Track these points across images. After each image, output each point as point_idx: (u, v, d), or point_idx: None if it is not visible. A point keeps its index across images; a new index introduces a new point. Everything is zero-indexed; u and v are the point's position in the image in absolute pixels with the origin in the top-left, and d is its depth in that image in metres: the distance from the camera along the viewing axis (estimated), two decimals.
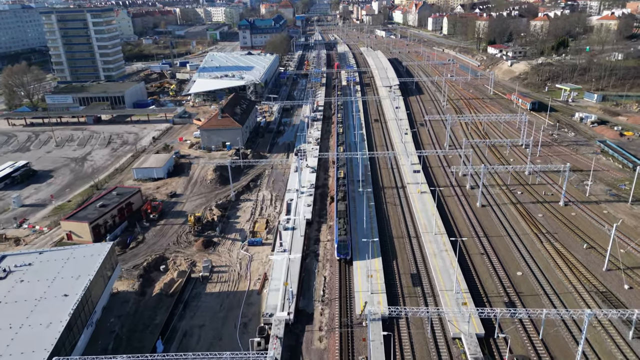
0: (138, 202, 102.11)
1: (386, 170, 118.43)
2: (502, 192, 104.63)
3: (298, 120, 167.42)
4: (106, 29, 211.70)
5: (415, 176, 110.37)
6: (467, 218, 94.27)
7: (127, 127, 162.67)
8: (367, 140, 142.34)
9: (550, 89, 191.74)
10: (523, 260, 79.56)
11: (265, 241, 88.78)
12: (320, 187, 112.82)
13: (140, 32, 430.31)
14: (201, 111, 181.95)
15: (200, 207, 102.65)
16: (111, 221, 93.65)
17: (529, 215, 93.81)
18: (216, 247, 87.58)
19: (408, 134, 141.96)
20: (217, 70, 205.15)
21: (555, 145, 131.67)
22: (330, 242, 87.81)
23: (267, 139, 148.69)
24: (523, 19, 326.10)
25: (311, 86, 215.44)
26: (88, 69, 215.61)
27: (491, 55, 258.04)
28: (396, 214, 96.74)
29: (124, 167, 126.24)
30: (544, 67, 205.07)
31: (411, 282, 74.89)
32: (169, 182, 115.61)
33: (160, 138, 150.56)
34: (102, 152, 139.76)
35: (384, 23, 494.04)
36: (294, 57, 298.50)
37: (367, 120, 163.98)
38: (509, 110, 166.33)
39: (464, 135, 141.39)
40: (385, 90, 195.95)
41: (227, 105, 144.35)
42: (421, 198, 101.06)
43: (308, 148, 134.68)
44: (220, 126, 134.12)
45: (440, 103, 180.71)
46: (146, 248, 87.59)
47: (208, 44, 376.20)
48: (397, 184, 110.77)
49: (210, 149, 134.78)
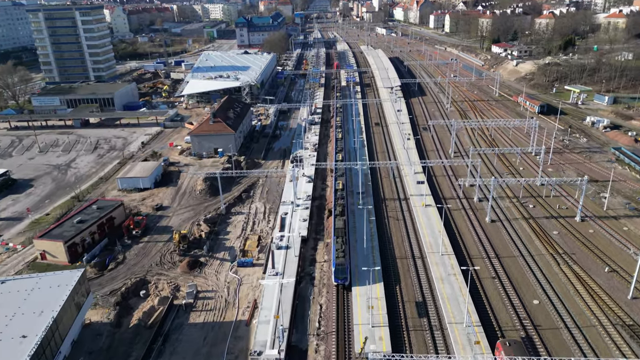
0: (120, 216, 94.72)
1: (388, 180, 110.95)
2: (512, 205, 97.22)
3: (295, 123, 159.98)
4: (96, 28, 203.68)
5: (419, 187, 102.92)
6: (476, 235, 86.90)
7: (115, 131, 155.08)
8: (368, 145, 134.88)
9: (558, 90, 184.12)
10: (539, 285, 72.22)
11: (256, 261, 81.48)
12: (317, 199, 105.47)
13: (136, 30, 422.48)
14: (194, 113, 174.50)
15: (188, 222, 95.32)
16: (89, 239, 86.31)
17: (543, 233, 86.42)
18: (203, 269, 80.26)
19: (411, 140, 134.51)
20: (212, 70, 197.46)
21: (567, 152, 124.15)
22: (327, 262, 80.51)
23: (262, 144, 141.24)
24: (527, 16, 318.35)
25: (309, 87, 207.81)
26: (77, 69, 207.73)
27: (495, 54, 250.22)
28: (399, 230, 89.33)
29: (109, 176, 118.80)
30: (551, 67, 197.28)
31: (416, 312, 67.58)
32: (156, 192, 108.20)
33: (150, 143, 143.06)
34: (87, 159, 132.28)
35: (385, 20, 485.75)
36: (292, 56, 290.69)
37: (368, 123, 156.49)
38: (515, 114, 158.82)
39: (470, 142, 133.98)
40: (386, 92, 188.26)
41: (220, 108, 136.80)
42: (425, 212, 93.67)
43: (305, 155, 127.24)
44: (212, 132, 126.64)
45: (444, 105, 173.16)
46: (126, 270, 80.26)
47: (205, 42, 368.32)
48: (399, 196, 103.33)
49: (201, 155, 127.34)
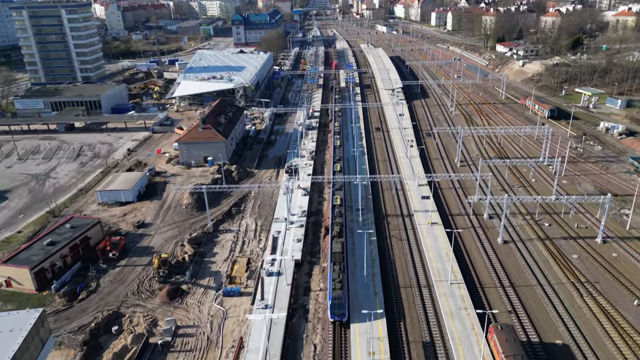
0: (97, 235, 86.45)
1: (389, 194, 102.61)
2: (526, 223, 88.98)
3: (292, 127, 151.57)
4: (83, 26, 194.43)
5: (423, 203, 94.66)
6: (488, 259, 78.74)
7: (101, 136, 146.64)
8: (368, 153, 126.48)
9: (567, 92, 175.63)
10: (562, 322, 64.05)
11: (244, 290, 73.30)
12: (313, 214, 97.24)
13: (131, 27, 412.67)
14: (185, 117, 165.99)
15: (171, 241, 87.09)
16: (61, 262, 78.15)
17: (561, 257, 78.24)
18: (184, 298, 72.11)
19: (414, 147, 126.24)
20: (205, 70, 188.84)
21: (581, 161, 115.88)
22: (323, 292, 72.38)
23: (255, 151, 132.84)
24: (532, 14, 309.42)
25: (307, 88, 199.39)
26: (64, 69, 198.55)
27: (500, 53, 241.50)
28: (403, 253, 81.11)
29: (89, 187, 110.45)
30: (559, 68, 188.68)
31: (424, 355, 59.45)
32: (139, 207, 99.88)
33: (137, 150, 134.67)
34: (68, 167, 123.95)
35: (385, 18, 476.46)
36: (290, 55, 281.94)
37: (368, 128, 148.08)
38: (524, 118, 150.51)
39: (477, 149, 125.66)
40: (387, 94, 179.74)
41: (210, 114, 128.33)
42: (431, 231, 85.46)
43: (301, 164, 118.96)
44: (201, 139, 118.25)
45: (448, 108, 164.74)
46: (99, 299, 72.10)
47: (201, 40, 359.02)
48: (402, 212, 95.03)
49: (190, 164, 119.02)
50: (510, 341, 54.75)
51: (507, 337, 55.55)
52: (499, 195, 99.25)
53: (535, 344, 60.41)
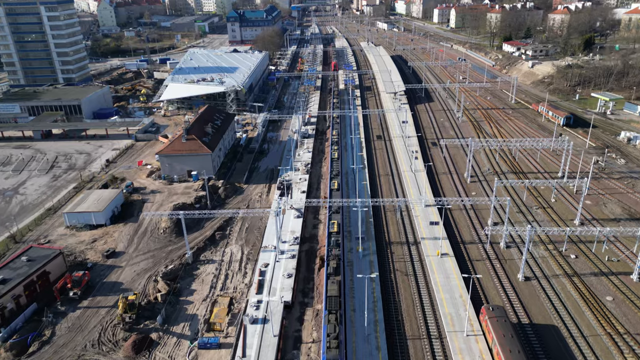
0: (58, 269, 75.52)
1: (393, 216, 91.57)
2: (549, 254, 78.08)
3: (286, 134, 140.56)
4: (64, 24, 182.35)
5: (432, 229, 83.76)
6: (508, 300, 67.95)
7: (79, 145, 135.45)
8: (368, 166, 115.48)
9: (581, 96, 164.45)
10: None
11: (223, 340, 62.48)
12: (307, 240, 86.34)
13: (125, 24, 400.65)
14: (173, 122, 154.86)
15: (144, 275, 76.22)
16: (13, 304, 67.25)
17: (593, 299, 67.42)
18: (153, 351, 61.27)
19: (419, 159, 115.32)
20: (195, 72, 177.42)
21: (604, 177, 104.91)
22: (316, 344, 61.58)
23: (246, 162, 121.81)
24: (539, 11, 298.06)
25: (304, 90, 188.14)
26: (45, 70, 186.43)
27: (507, 53, 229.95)
28: (409, 293, 70.23)
29: (59, 206, 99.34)
30: (572, 70, 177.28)
31: None
32: (111, 231, 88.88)
33: (117, 161, 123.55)
34: (40, 181, 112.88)
35: (386, 14, 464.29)
36: (286, 54, 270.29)
37: (368, 137, 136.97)
38: (537, 125, 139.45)
39: (488, 162, 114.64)
40: (389, 98, 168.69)
41: (196, 122, 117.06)
42: (442, 265, 74.61)
43: (295, 179, 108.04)
44: (185, 151, 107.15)
45: (454, 114, 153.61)
46: (52, 353, 61.24)
47: (195, 37, 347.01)
48: (407, 239, 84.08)
49: (172, 179, 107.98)
50: (501, 321, 57.49)
51: (497, 316, 58.56)
52: (516, 218, 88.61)
53: None
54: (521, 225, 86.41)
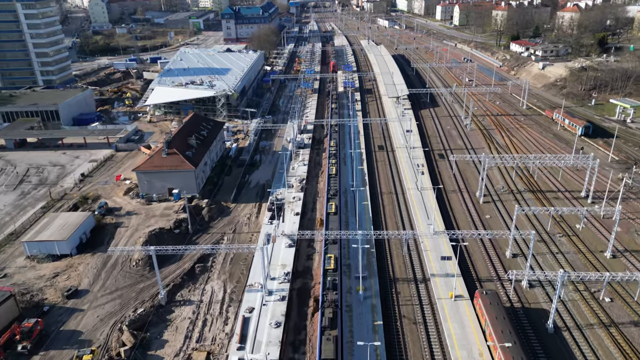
0: (9, 314, 64.73)
1: (398, 247, 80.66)
2: (579, 297, 67.28)
3: (281, 144, 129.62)
4: (43, 23, 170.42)
5: (444, 264, 73.01)
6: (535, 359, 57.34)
7: (54, 155, 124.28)
8: (370, 181, 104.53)
9: (597, 102, 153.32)
10: None
11: None
12: (300, 275, 75.61)
13: (118, 20, 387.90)
14: (159, 129, 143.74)
15: (108, 321, 65.39)
16: None
17: (636, 356, 56.76)
18: None
19: (425, 174, 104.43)
20: (185, 74, 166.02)
21: (632, 198, 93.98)
22: None
23: (235, 176, 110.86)
24: (547, 8, 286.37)
25: (300, 93, 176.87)
26: (23, 72, 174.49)
27: (515, 53, 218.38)
28: (419, 348, 59.50)
29: (22, 230, 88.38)
30: (587, 72, 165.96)
31: None
32: (76, 263, 78.03)
33: (93, 174, 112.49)
34: (5, 199, 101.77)
35: (387, 11, 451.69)
36: (283, 53, 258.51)
37: (369, 147, 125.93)
38: (552, 135, 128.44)
39: (502, 179, 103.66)
40: (391, 102, 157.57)
41: (179, 134, 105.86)
42: (456, 310, 63.88)
43: (288, 197, 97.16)
44: (165, 167, 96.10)
45: (462, 121, 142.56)
46: None
47: (189, 35, 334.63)
48: (416, 276, 73.28)
49: (151, 198, 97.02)
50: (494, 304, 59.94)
51: (490, 300, 61.01)
52: (538, 249, 77.78)
53: None
54: (544, 257, 75.79)
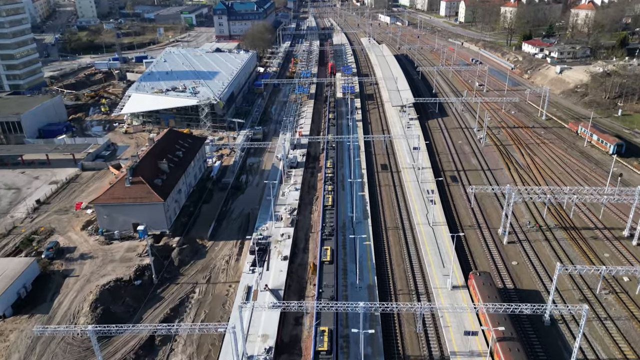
0: None
1: (410, 317, 65.29)
2: (607, 336, 52.27)
3: (271, 161, 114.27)
4: (7, 21, 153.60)
5: (467, 340, 57.57)
6: None
7: (11, 175, 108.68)
8: (372, 211, 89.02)
9: (624, 111, 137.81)
10: None
11: None
12: (285, 350, 60.26)
13: (106, 15, 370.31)
14: (135, 142, 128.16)
15: None
16: None
17: None
18: None
19: (437, 204, 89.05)
20: (167, 78, 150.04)
21: None
22: None
23: (216, 203, 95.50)
24: (558, 5, 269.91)
25: (295, 99, 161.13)
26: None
27: (528, 54, 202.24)
28: None
29: None
30: (612, 78, 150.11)
31: None
32: (8, 330, 62.68)
33: (50, 201, 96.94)
34: None
35: (389, 6, 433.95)
36: (278, 52, 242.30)
37: (371, 167, 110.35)
38: (579, 152, 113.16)
39: (528, 213, 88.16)
40: (395, 112, 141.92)
41: (148, 156, 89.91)
42: None
43: (276, 234, 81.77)
44: (129, 199, 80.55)
45: (474, 134, 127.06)
46: None
47: (180, 31, 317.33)
48: (431, 352, 58.09)
49: (112, 236, 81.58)
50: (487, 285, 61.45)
51: (483, 281, 62.36)
52: (579, 311, 62.40)
53: None
54: (590, 325, 60.56)
